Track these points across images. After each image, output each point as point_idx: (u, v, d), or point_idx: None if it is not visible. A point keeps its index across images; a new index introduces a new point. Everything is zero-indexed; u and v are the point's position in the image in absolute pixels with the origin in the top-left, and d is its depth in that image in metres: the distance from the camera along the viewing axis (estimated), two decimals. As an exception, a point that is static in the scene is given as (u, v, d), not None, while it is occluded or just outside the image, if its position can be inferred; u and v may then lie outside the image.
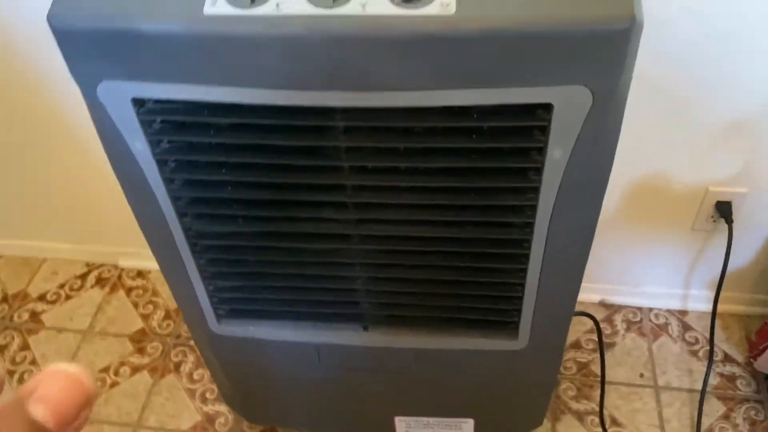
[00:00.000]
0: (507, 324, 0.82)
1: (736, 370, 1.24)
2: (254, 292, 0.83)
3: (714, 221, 1.15)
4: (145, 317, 1.42)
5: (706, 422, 1.16)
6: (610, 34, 0.52)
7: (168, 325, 1.40)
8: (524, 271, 0.73)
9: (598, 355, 1.26)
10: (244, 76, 0.57)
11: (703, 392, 1.15)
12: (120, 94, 0.60)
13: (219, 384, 1.09)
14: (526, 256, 0.71)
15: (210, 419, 1.24)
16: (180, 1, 0.54)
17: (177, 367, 1.33)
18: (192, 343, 1.35)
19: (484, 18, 0.52)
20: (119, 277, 1.51)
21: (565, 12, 0.51)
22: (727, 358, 1.26)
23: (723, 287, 1.21)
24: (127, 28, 0.54)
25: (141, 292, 1.47)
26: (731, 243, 1.08)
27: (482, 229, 0.69)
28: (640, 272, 1.32)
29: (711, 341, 1.09)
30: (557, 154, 0.61)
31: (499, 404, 1.01)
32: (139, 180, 0.68)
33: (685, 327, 1.31)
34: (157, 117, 0.62)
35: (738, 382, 1.22)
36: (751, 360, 1.21)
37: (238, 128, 0.63)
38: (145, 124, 0.63)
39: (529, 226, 0.68)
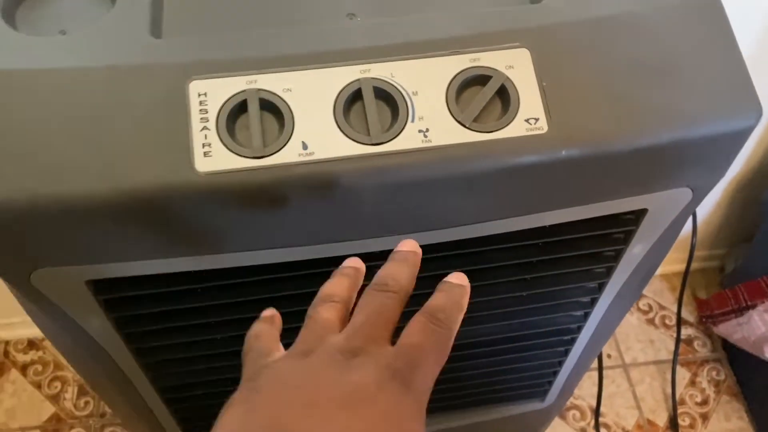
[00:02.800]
0: (537, 392, 0.74)
1: (691, 331, 1.27)
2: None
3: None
4: (54, 399, 1.19)
5: (676, 393, 1.18)
6: (734, 133, 0.41)
7: (86, 403, 1.19)
8: (569, 350, 0.64)
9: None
10: (256, 241, 0.41)
11: (674, 370, 1.16)
12: (68, 279, 0.42)
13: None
14: (576, 338, 0.62)
15: None
16: (154, 159, 0.36)
17: (112, 453, 1.14)
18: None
19: (590, 133, 0.39)
20: (5, 353, 1.25)
21: (677, 115, 0.40)
22: (680, 321, 1.28)
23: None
24: (81, 204, 0.36)
25: (40, 367, 1.23)
26: (696, 225, 1.06)
27: (535, 324, 0.59)
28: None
29: (678, 318, 1.09)
30: (637, 250, 0.51)
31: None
32: (91, 350, 0.50)
33: (637, 295, 1.31)
34: (129, 292, 0.45)
35: (695, 344, 1.25)
36: (705, 321, 1.23)
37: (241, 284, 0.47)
38: (109, 303, 0.45)
39: (587, 315, 0.58)
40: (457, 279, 0.32)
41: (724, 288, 1.16)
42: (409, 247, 0.34)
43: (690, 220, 1.05)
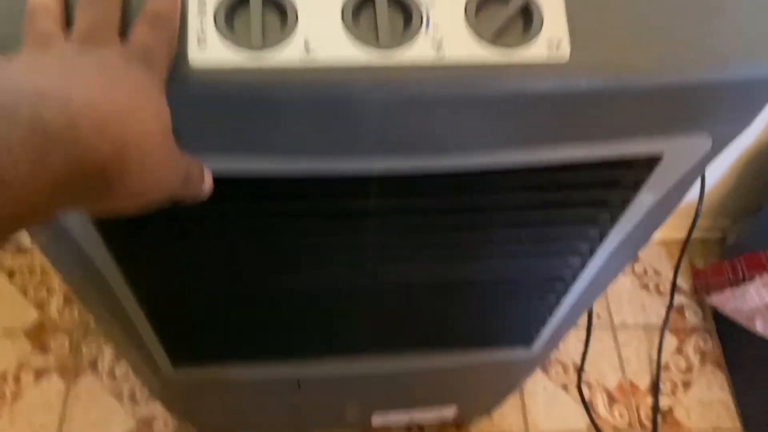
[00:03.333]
0: (526, 338, 0.73)
1: (684, 300, 1.26)
2: (225, 337, 0.67)
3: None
4: (40, 305, 1.19)
5: (661, 359, 1.18)
6: (765, 81, 0.38)
7: (71, 312, 1.19)
8: (562, 298, 0.63)
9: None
10: (248, 143, 0.39)
11: (662, 335, 1.16)
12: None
13: (164, 405, 0.93)
14: (570, 287, 0.61)
15: (146, 423, 1.09)
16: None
17: (93, 364, 1.14)
18: (106, 332, 1.16)
19: (615, 65, 0.36)
20: (-6, 257, 1.24)
21: (710, 52, 0.37)
22: (675, 289, 1.27)
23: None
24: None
25: (27, 273, 1.23)
26: (704, 190, 1.03)
27: (530, 267, 0.57)
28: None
29: (673, 285, 1.08)
30: (646, 200, 0.49)
31: (485, 391, 0.94)
32: (74, 255, 0.49)
33: (634, 259, 1.29)
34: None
35: (686, 312, 1.24)
36: (699, 290, 1.22)
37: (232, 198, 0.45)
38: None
39: (585, 264, 0.57)
40: None
41: (723, 260, 1.15)
42: None
43: (698, 186, 1.03)
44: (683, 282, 1.27)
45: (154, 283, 0.54)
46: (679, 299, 1.25)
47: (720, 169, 1.22)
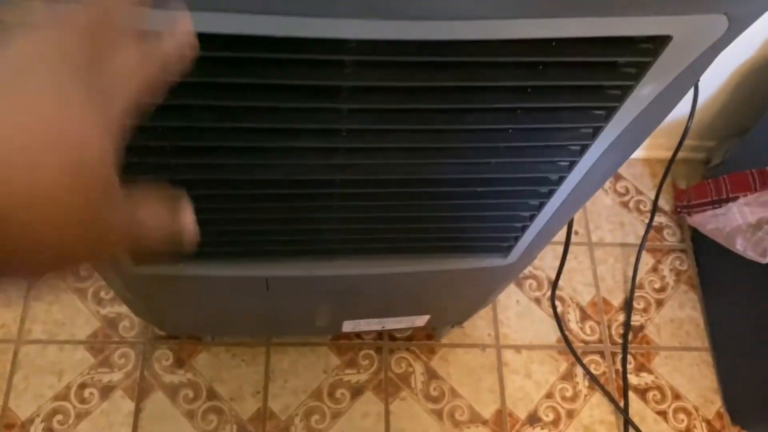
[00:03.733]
0: (503, 246, 0.70)
1: (664, 219, 1.24)
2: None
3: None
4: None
5: (636, 277, 1.17)
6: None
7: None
8: (544, 204, 0.60)
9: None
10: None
11: (639, 253, 1.15)
12: None
13: (129, 305, 0.90)
14: (554, 191, 0.57)
15: (111, 324, 1.06)
16: None
17: (56, 262, 1.10)
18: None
19: None
20: None
21: None
22: (656, 208, 1.25)
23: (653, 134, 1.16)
24: None
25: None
26: (696, 102, 0.99)
27: (514, 167, 0.53)
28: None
29: (654, 204, 1.06)
30: (646, 91, 0.44)
31: (458, 301, 0.92)
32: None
33: (616, 176, 1.27)
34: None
35: (665, 233, 1.23)
36: (680, 210, 1.20)
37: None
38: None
39: (573, 165, 0.53)
40: None
41: (706, 179, 1.13)
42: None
43: (689, 99, 0.99)
44: (664, 203, 1.25)
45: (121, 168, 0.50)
46: (658, 219, 1.23)
47: (709, 90, 1.18)
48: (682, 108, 0.95)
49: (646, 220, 1.21)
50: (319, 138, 0.47)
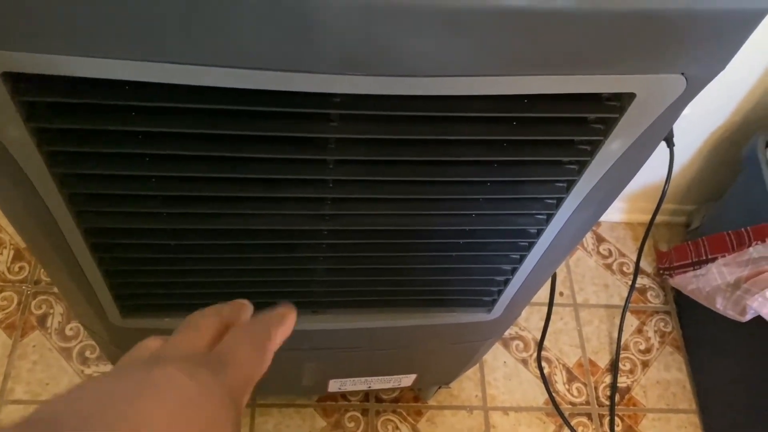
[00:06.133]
0: (486, 300, 0.71)
1: (647, 281, 1.26)
2: (173, 287, 0.64)
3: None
4: (-11, 259, 1.15)
5: (622, 339, 1.18)
6: (744, 13, 0.37)
7: (21, 268, 1.14)
8: (525, 257, 0.62)
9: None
10: (198, 50, 0.36)
11: (623, 315, 1.16)
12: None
13: (114, 362, 0.90)
14: (534, 244, 0.59)
15: (96, 383, 1.05)
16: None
17: (41, 321, 1.10)
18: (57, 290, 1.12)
19: (590, -15, 0.35)
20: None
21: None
22: (639, 270, 1.27)
23: (633, 198, 1.19)
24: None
25: (-23, 226, 1.18)
26: (672, 167, 1.03)
27: (494, 219, 0.55)
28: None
29: (636, 266, 1.08)
30: (615, 146, 0.47)
31: (444, 360, 0.93)
32: (11, 173, 0.46)
33: (599, 239, 1.29)
34: (48, 98, 0.39)
35: (648, 294, 1.25)
36: (662, 272, 1.23)
37: (174, 110, 0.42)
38: (27, 107, 0.40)
39: (550, 218, 0.55)
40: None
41: (686, 242, 1.15)
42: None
43: (666, 165, 1.03)
44: (647, 265, 1.27)
45: (105, 228, 0.51)
46: (642, 281, 1.25)
47: (688, 154, 1.22)
48: (660, 172, 0.99)
49: (629, 282, 1.23)
50: (307, 188, 0.49)
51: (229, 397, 0.27)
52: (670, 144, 1.06)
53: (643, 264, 1.26)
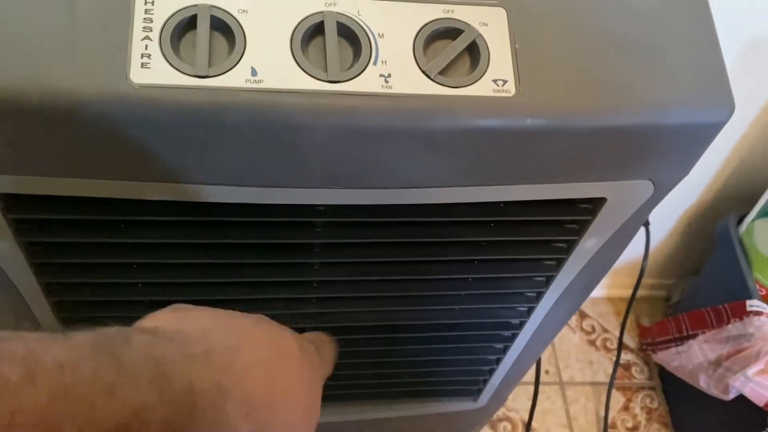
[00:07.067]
0: (472, 390, 0.71)
1: (631, 357, 1.27)
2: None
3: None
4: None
5: (609, 416, 1.18)
6: (704, 126, 0.40)
7: None
8: (508, 347, 0.62)
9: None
10: (189, 171, 0.38)
11: (609, 393, 1.16)
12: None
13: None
14: (516, 335, 0.60)
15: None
16: (86, 60, 0.33)
17: None
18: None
19: (559, 105, 0.37)
20: None
21: (650, 98, 0.38)
22: (622, 346, 1.28)
23: (613, 274, 1.21)
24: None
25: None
26: (649, 245, 1.05)
27: (476, 312, 0.56)
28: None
29: (619, 343, 1.09)
30: (589, 244, 0.49)
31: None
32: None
33: (582, 315, 1.30)
34: (38, 215, 0.41)
35: (633, 370, 1.25)
36: (645, 347, 1.23)
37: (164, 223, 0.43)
38: (17, 223, 0.41)
39: (531, 310, 0.56)
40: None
41: (667, 318, 1.17)
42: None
43: (643, 243, 1.05)
44: (630, 340, 1.28)
45: (77, 302, 0.52)
46: (626, 357, 1.26)
47: (664, 231, 1.25)
48: (638, 249, 1.01)
49: (614, 358, 1.23)
50: (293, 289, 0.50)
51: (323, 374, 0.31)
52: (646, 224, 1.09)
53: (626, 339, 1.27)
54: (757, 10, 0.84)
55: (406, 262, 0.49)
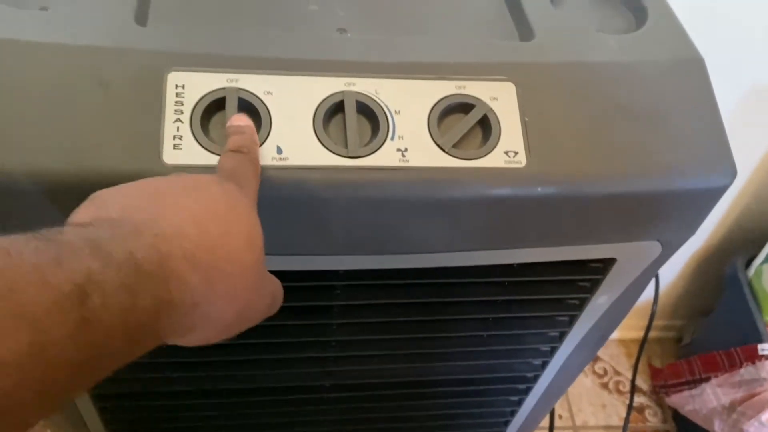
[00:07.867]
0: (487, 442, 0.72)
1: (644, 399, 1.26)
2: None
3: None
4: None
5: (624, 460, 1.17)
6: (708, 190, 0.41)
7: None
8: (524, 399, 0.63)
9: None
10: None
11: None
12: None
13: None
14: (531, 388, 0.61)
15: None
16: (122, 145, 0.35)
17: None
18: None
19: (568, 173, 0.39)
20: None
21: (656, 165, 0.40)
22: (635, 389, 1.27)
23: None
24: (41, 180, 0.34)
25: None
26: (658, 290, 1.06)
27: (492, 367, 0.58)
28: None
29: (632, 386, 1.09)
30: (601, 300, 0.50)
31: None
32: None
33: (594, 358, 1.30)
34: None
35: (647, 413, 1.25)
36: (658, 390, 1.23)
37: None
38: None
39: (546, 364, 0.57)
40: (241, 120, 0.35)
41: (679, 359, 1.17)
42: (243, 121, 0.36)
43: (653, 286, 1.06)
44: (642, 382, 1.28)
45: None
46: (639, 399, 1.25)
47: (673, 272, 1.26)
48: (648, 292, 1.02)
49: (627, 401, 1.23)
50: (313, 349, 0.52)
51: (251, 203, 0.31)
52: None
53: (638, 381, 1.26)
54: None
55: (422, 321, 0.51)
